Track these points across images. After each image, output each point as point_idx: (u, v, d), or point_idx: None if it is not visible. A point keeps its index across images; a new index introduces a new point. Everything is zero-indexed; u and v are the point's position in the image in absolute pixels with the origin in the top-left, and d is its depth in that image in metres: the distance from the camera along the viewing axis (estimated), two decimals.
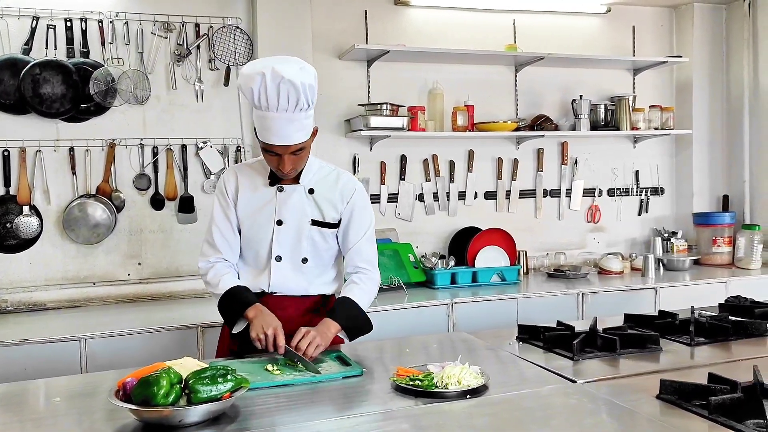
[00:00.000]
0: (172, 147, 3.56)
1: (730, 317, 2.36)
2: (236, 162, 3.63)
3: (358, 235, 2.20)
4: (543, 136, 4.10)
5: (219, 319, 2.96)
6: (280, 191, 2.16)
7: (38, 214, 3.37)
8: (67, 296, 3.42)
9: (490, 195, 4.21)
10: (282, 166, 2.05)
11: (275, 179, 2.17)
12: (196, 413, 1.49)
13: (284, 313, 2.14)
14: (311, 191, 2.18)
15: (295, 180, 2.17)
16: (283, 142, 2.00)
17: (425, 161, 4.07)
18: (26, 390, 1.91)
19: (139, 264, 3.55)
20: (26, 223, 3.33)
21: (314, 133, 2.11)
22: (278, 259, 2.16)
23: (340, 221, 2.21)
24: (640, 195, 4.52)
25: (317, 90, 2.05)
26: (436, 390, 1.68)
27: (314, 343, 1.96)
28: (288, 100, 1.94)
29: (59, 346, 2.78)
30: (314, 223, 2.17)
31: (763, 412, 1.42)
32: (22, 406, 1.79)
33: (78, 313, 3.31)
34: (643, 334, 2.16)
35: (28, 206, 3.33)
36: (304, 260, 2.18)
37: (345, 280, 2.26)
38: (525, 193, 4.28)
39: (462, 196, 4.14)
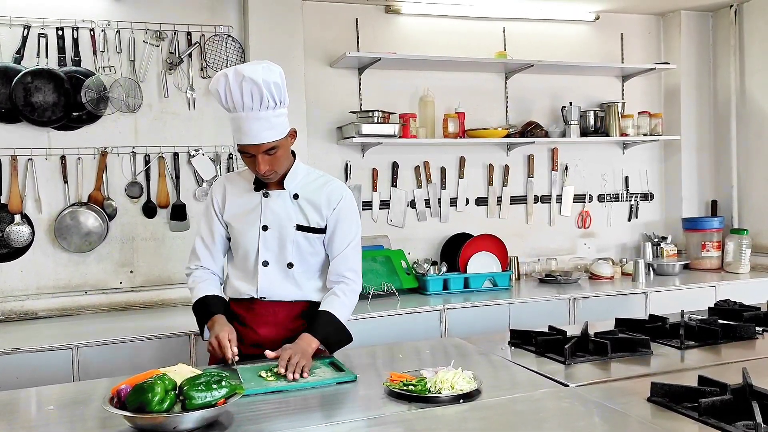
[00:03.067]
0: (164, 155, 3.56)
1: (720, 321, 2.39)
2: (228, 169, 3.64)
3: (344, 242, 2.21)
4: (533, 142, 4.13)
5: None
6: (266, 197, 2.18)
7: (29, 223, 3.36)
8: (58, 305, 3.41)
9: (481, 201, 4.23)
10: (257, 166, 2.07)
11: (260, 185, 2.19)
12: (190, 420, 1.49)
13: (274, 318, 2.16)
14: (296, 196, 2.20)
15: (281, 185, 2.19)
16: (252, 141, 2.03)
17: (417, 168, 4.09)
18: (19, 398, 1.91)
19: (132, 272, 3.54)
20: (17, 231, 3.32)
21: (292, 135, 2.14)
22: (265, 264, 2.18)
23: (326, 227, 2.21)
24: (630, 200, 4.56)
25: (285, 89, 2.05)
26: (429, 395, 1.69)
27: (299, 367, 1.92)
28: (252, 98, 1.98)
29: (51, 355, 2.77)
30: (299, 228, 2.18)
31: (752, 413, 1.44)
32: (15, 414, 1.78)
33: (70, 321, 3.30)
34: (633, 338, 2.18)
35: (19, 215, 3.32)
36: (290, 265, 2.19)
37: (328, 288, 2.25)
38: (516, 199, 4.30)
39: (453, 202, 4.16)
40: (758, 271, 4.17)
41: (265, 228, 2.17)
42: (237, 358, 2.00)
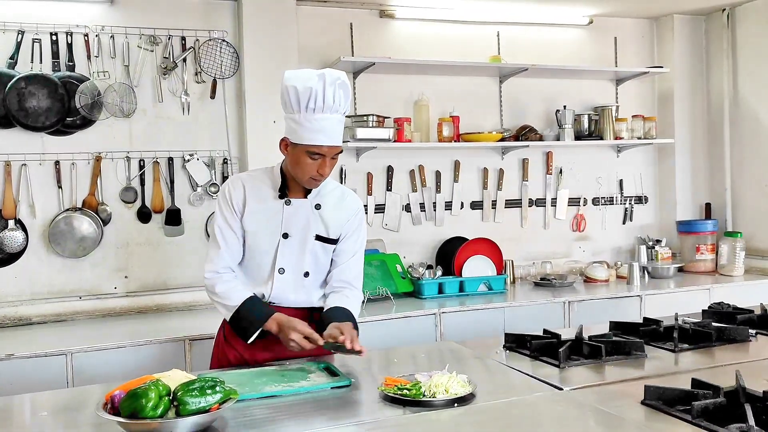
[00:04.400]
0: (158, 160, 3.56)
1: (713, 323, 2.39)
2: (223, 175, 3.64)
3: (352, 251, 2.25)
4: (528, 146, 4.14)
5: (207, 331, 2.98)
6: (288, 204, 2.17)
7: (23, 228, 3.35)
8: (53, 310, 3.40)
9: (476, 205, 4.24)
10: (323, 169, 2.08)
11: (284, 192, 2.18)
12: (184, 425, 1.49)
13: None
14: (318, 206, 2.20)
15: (303, 194, 2.18)
16: (333, 142, 2.06)
17: (412, 172, 4.09)
18: (12, 405, 1.90)
19: (126, 277, 3.54)
20: (11, 237, 3.31)
21: None
22: (281, 271, 2.18)
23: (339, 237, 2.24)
24: (625, 204, 4.57)
25: None
26: (423, 399, 1.69)
27: (357, 340, 2.00)
28: (341, 101, 2.04)
29: (45, 361, 2.76)
30: (318, 238, 2.19)
31: (745, 416, 1.44)
32: (8, 420, 1.77)
33: (64, 327, 3.29)
34: (628, 341, 2.18)
35: (13, 220, 3.32)
36: (306, 274, 2.20)
37: (327, 294, 2.25)
38: (511, 203, 4.31)
39: (448, 206, 4.17)
40: (752, 274, 4.19)
41: (285, 236, 2.16)
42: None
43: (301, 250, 2.18)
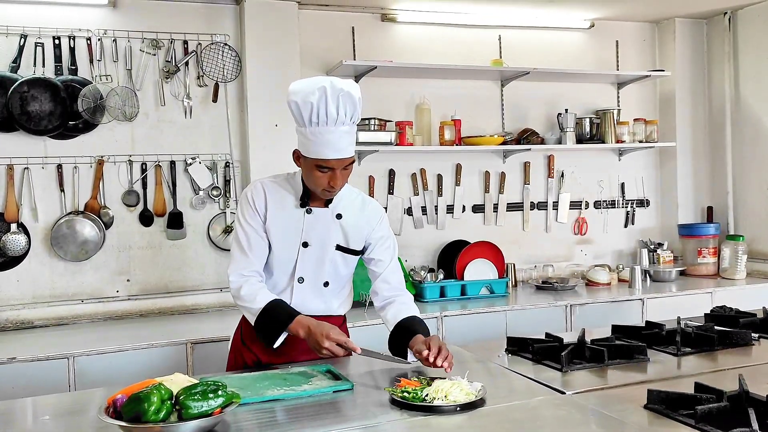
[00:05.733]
0: (160, 163, 3.57)
1: (716, 327, 2.39)
2: (225, 178, 3.65)
3: (389, 257, 2.25)
4: (529, 149, 4.14)
5: (208, 335, 2.99)
6: (309, 213, 2.15)
7: (26, 232, 3.36)
8: (55, 314, 3.40)
9: (477, 208, 4.24)
10: (334, 182, 2.04)
11: (305, 201, 2.15)
12: (187, 429, 1.48)
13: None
14: (339, 216, 2.18)
15: (324, 203, 2.17)
16: (341, 155, 2.01)
17: (413, 175, 4.09)
18: (14, 408, 1.90)
19: (128, 280, 3.54)
20: (14, 240, 3.31)
21: None
22: (300, 280, 2.17)
23: (364, 248, 2.23)
24: (626, 207, 4.57)
25: None
26: (427, 404, 1.68)
27: (451, 358, 1.98)
28: (346, 112, 1.98)
29: (47, 364, 2.77)
30: (338, 248, 2.18)
31: (748, 420, 1.44)
32: (10, 425, 1.77)
33: (66, 330, 3.30)
34: (630, 344, 2.18)
35: (15, 224, 3.32)
36: (326, 284, 2.19)
37: (371, 302, 2.30)
38: (512, 206, 4.31)
39: (450, 209, 4.17)
40: (754, 278, 4.18)
41: (305, 245, 2.15)
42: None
43: (321, 260, 2.16)
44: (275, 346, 2.07)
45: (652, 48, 4.63)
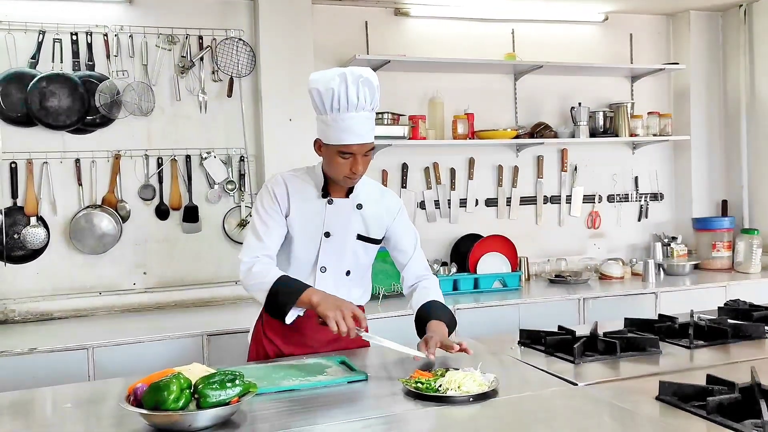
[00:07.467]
0: (176, 157, 3.60)
1: (729, 320, 2.39)
2: (240, 172, 3.68)
3: (412, 246, 2.31)
4: (543, 143, 4.14)
5: (224, 327, 3.03)
6: (330, 203, 2.18)
7: (45, 225, 3.41)
8: (73, 306, 3.46)
9: (490, 202, 4.25)
10: (356, 167, 2.07)
11: (326, 192, 2.19)
12: (205, 418, 1.52)
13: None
14: (359, 206, 2.21)
15: (345, 194, 2.20)
16: (362, 140, 2.05)
17: (426, 169, 4.11)
18: (35, 398, 1.94)
19: (145, 273, 3.59)
20: (33, 233, 3.37)
21: None
22: (323, 270, 2.20)
23: (383, 238, 2.28)
24: (640, 201, 4.56)
25: None
26: (440, 394, 1.70)
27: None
28: (366, 98, 2.03)
29: (67, 355, 2.81)
30: (359, 237, 2.22)
31: (760, 412, 1.45)
32: (32, 413, 1.82)
33: (85, 322, 3.35)
34: (643, 337, 2.18)
35: (35, 217, 3.38)
36: (348, 273, 2.23)
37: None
38: (525, 200, 4.31)
39: (463, 203, 4.18)
40: None
41: (327, 235, 2.18)
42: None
43: (343, 250, 2.20)
44: (288, 322, 2.05)
45: (666, 41, 4.60)
